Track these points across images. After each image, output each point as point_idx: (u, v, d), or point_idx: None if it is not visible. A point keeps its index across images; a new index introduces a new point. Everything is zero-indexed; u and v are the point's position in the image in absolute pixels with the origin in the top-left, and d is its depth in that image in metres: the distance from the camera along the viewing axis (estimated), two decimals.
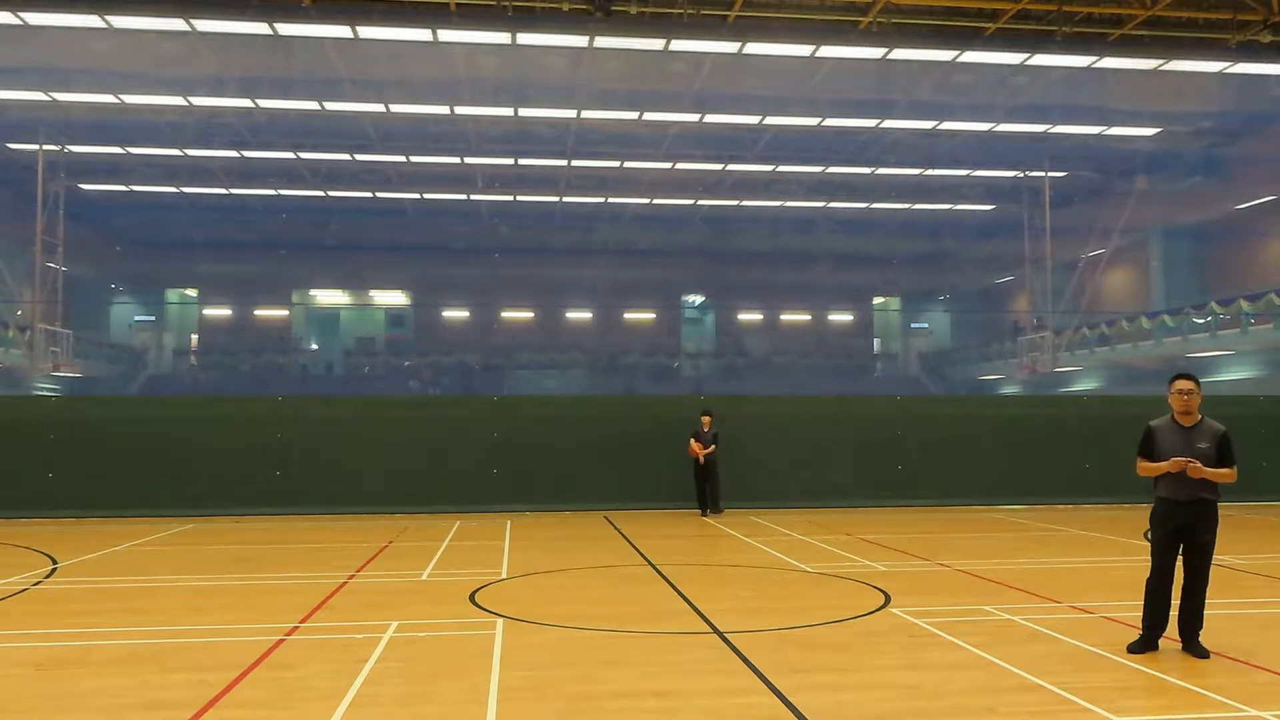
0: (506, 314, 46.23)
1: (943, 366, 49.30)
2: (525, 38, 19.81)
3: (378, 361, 46.43)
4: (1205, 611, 6.85)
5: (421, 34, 19.65)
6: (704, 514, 16.97)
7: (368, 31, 19.59)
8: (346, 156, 33.33)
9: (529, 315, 47.11)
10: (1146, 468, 6.93)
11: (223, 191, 37.08)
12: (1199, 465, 6.65)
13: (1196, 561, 6.80)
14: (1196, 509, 6.75)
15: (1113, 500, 18.39)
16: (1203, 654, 6.68)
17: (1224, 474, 6.74)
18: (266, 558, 12.34)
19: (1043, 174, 34.79)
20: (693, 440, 17.04)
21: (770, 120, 28.97)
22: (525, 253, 41.77)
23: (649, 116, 28.69)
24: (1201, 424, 6.84)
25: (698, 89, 25.83)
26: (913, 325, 52.77)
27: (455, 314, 47.29)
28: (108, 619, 8.34)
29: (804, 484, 18.44)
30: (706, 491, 17.10)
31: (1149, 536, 7.17)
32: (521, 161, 33.86)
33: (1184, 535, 6.81)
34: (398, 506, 17.45)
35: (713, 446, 16.91)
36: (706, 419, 17.07)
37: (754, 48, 20.70)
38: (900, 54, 20.56)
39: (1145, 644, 6.88)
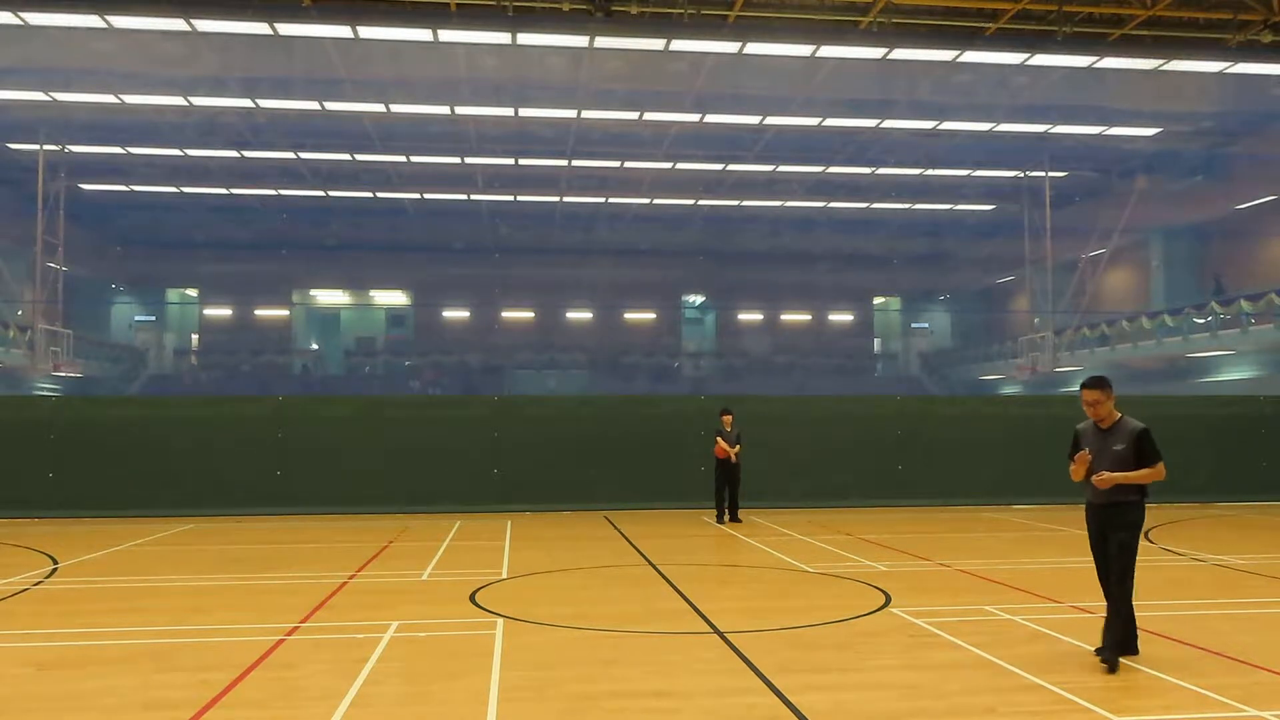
0: (506, 314, 46.23)
1: (943, 366, 49.30)
2: (525, 38, 19.80)
3: (378, 361, 46.43)
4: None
5: (421, 34, 19.63)
6: (721, 521, 15.99)
7: (368, 31, 19.58)
8: (346, 156, 33.31)
9: (529, 315, 47.11)
10: (1073, 469, 6.74)
11: (223, 191, 37.06)
12: (1108, 476, 6.47)
13: (1114, 564, 6.54)
14: (1110, 511, 6.59)
15: None
16: (1112, 666, 6.30)
17: (1139, 475, 6.47)
18: (266, 558, 12.34)
19: (1043, 174, 34.79)
20: (719, 440, 15.92)
21: (770, 120, 28.96)
22: (525, 253, 41.77)
23: (649, 116, 28.68)
24: (1119, 425, 6.64)
25: (698, 89, 25.82)
26: (913, 325, 52.77)
27: (455, 314, 47.30)
28: (108, 619, 8.34)
29: (804, 484, 18.44)
30: (729, 497, 16.04)
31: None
32: (521, 161, 33.85)
33: (1104, 536, 6.66)
34: (398, 506, 17.45)
35: (738, 446, 15.98)
36: (728, 418, 15.99)
37: (754, 48, 20.68)
38: (900, 54, 20.53)
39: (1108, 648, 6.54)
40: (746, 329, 49.10)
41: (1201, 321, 32.65)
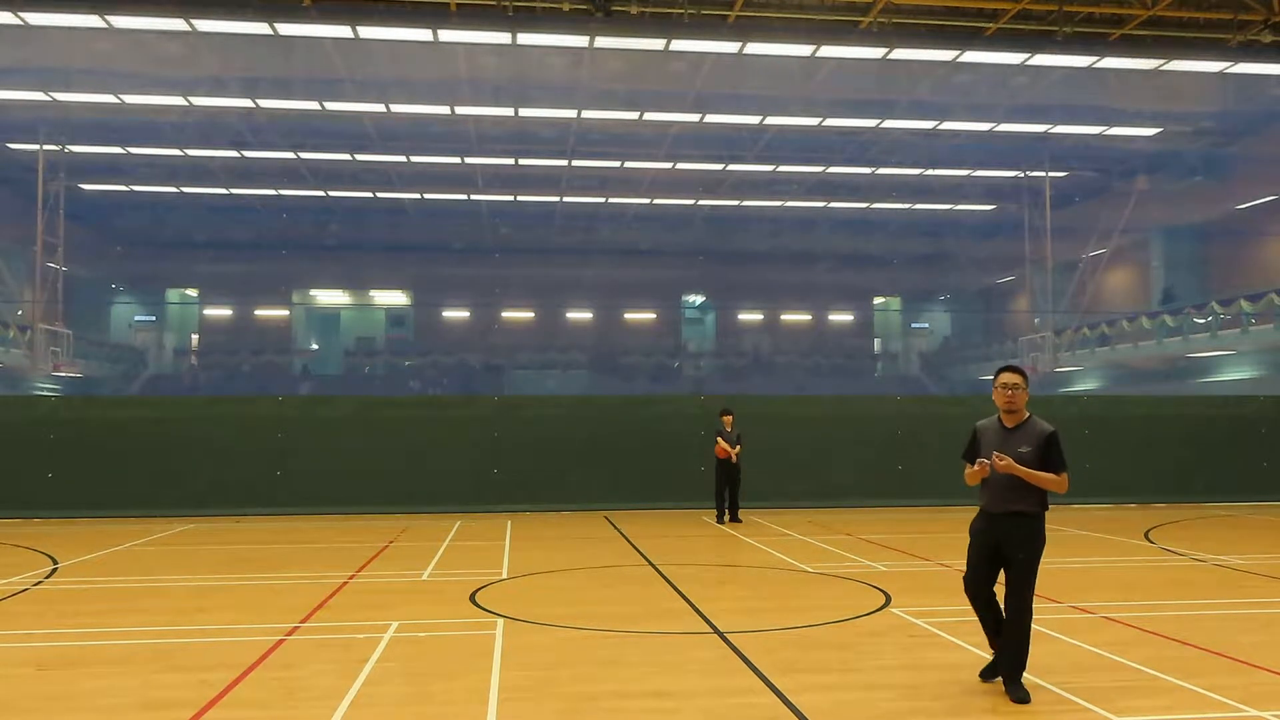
0: (506, 314, 46.24)
1: (943, 366, 49.31)
2: (525, 38, 19.80)
3: (378, 361, 46.43)
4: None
5: (421, 34, 19.64)
6: (721, 521, 15.98)
7: (368, 31, 19.58)
8: (346, 156, 33.32)
9: (529, 315, 47.13)
10: (968, 474, 6.04)
11: (223, 191, 37.07)
12: (1010, 461, 5.75)
13: (1012, 584, 5.87)
14: (1011, 523, 5.86)
15: (1113, 500, 18.42)
16: (1021, 698, 5.67)
17: (1044, 478, 5.78)
18: (266, 558, 12.34)
19: (1043, 174, 34.80)
20: (720, 440, 15.92)
21: (770, 120, 28.98)
22: (525, 253, 41.77)
23: (649, 116, 28.70)
24: (1027, 424, 5.96)
25: (698, 89, 25.83)
26: (913, 325, 52.77)
27: (455, 314, 47.30)
28: (108, 619, 8.34)
29: (804, 484, 18.44)
30: (729, 497, 16.03)
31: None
32: (522, 161, 33.87)
33: (1001, 551, 5.95)
34: (398, 506, 17.45)
35: (739, 446, 16.08)
36: (728, 418, 15.98)
37: (754, 48, 20.69)
38: (900, 54, 20.53)
39: (994, 670, 6.05)
40: (746, 329, 49.10)
41: (1201, 321, 32.65)
